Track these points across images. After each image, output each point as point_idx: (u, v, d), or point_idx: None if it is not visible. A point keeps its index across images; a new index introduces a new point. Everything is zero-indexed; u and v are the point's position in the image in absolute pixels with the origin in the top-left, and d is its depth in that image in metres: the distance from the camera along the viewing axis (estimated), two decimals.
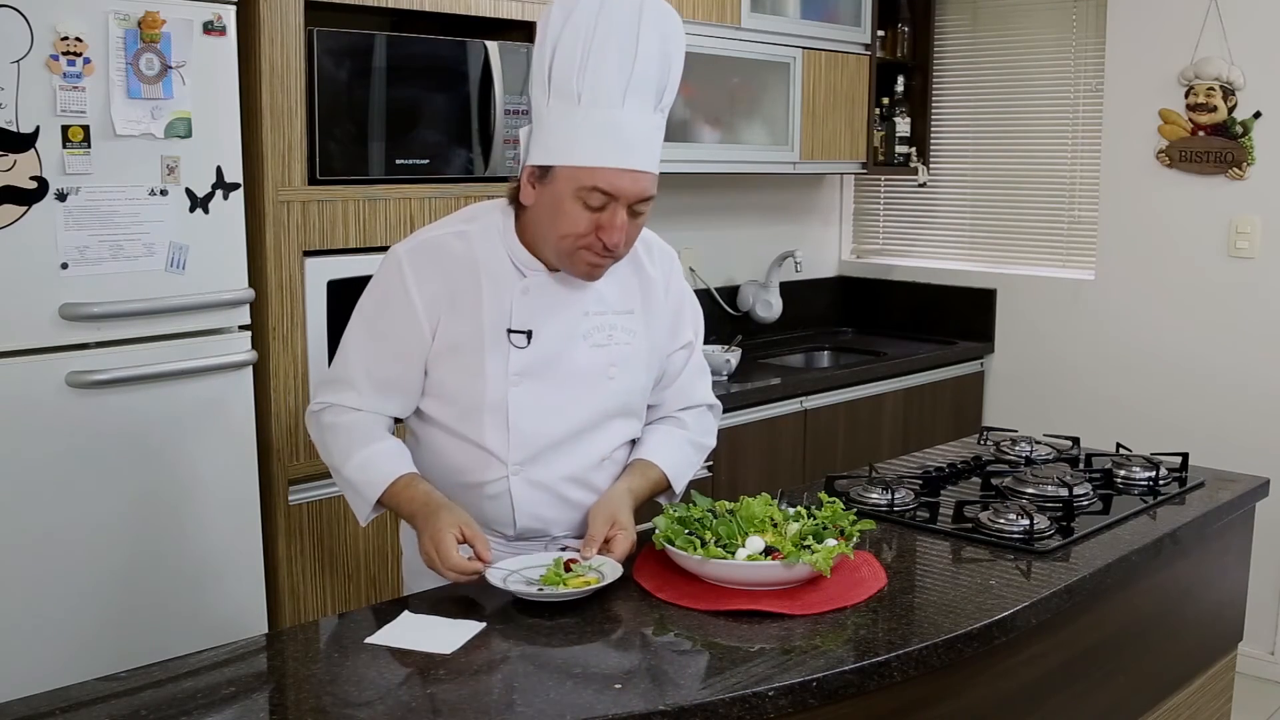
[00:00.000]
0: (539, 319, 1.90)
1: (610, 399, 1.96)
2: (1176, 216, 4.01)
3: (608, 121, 1.77)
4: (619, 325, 1.96)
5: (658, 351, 2.04)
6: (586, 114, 1.77)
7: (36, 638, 2.35)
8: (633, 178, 1.78)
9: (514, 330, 1.89)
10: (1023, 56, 4.44)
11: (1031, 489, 2.32)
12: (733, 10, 3.77)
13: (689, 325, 2.10)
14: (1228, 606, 2.57)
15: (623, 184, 1.78)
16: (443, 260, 1.90)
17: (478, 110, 3.03)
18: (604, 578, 1.78)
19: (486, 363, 1.89)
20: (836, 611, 1.75)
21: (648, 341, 2.00)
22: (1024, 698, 1.94)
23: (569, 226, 1.81)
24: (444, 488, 1.93)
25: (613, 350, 1.96)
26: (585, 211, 1.80)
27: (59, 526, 2.37)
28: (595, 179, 1.77)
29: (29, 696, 1.48)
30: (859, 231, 5.01)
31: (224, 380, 2.61)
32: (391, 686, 1.53)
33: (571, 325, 1.93)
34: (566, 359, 1.92)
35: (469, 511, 1.88)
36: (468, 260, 1.90)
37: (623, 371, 1.97)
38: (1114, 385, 4.19)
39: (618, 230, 1.80)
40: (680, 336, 2.08)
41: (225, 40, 2.54)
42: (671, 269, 2.06)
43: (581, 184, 1.78)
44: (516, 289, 1.90)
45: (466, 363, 1.90)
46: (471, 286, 1.89)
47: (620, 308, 1.97)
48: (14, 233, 2.27)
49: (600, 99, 1.76)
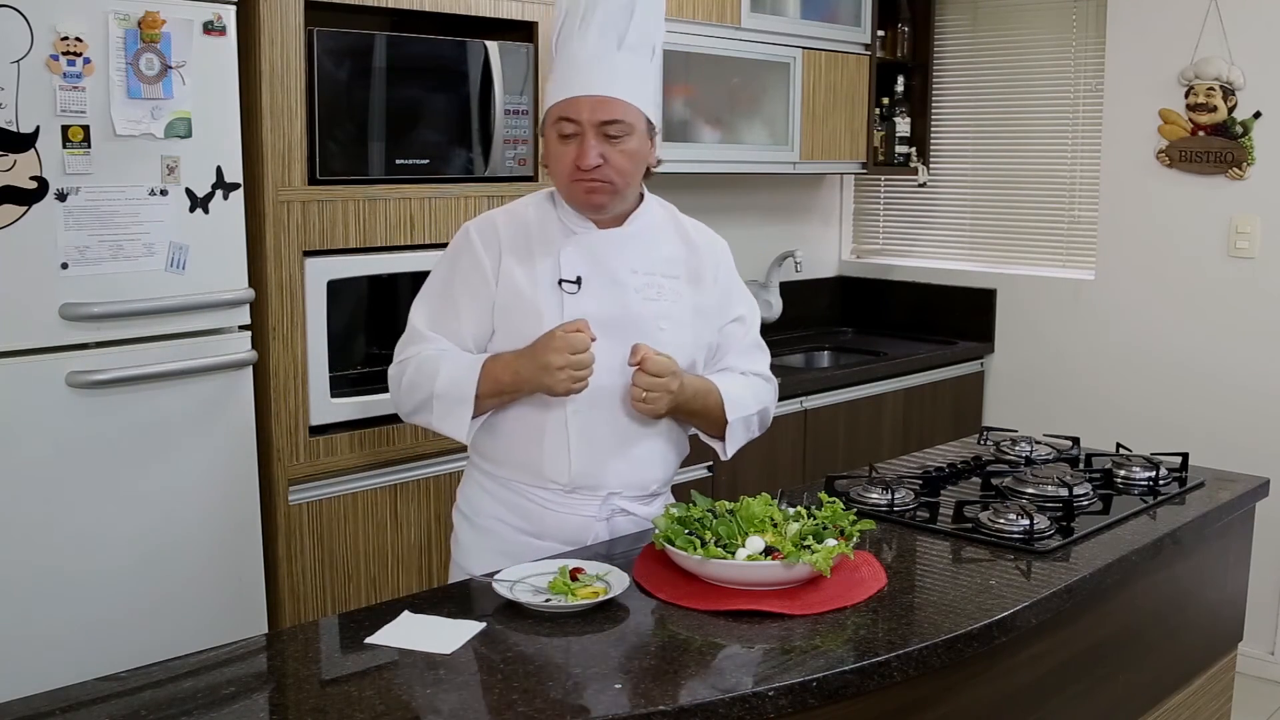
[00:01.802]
0: (586, 270, 2.04)
1: (663, 347, 2.04)
2: (1176, 216, 4.01)
3: (570, 58, 1.99)
4: (666, 286, 2.10)
5: (705, 321, 2.14)
6: (558, 58, 2.02)
7: (36, 638, 2.35)
8: (590, 103, 1.96)
9: (565, 279, 2.03)
10: (1023, 56, 4.44)
11: (1031, 489, 2.32)
12: (733, 10, 3.77)
13: (740, 303, 2.22)
14: (1228, 606, 2.57)
15: (581, 108, 1.96)
16: (502, 229, 2.08)
17: (478, 110, 3.03)
18: (611, 588, 1.78)
19: (544, 310, 2.02)
20: (836, 611, 1.75)
21: (693, 305, 2.12)
22: (1024, 698, 1.94)
23: (557, 163, 2.01)
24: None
25: (662, 305, 2.08)
26: (563, 145, 1.99)
27: (59, 526, 2.37)
28: (561, 110, 1.98)
29: (29, 696, 1.48)
30: (859, 231, 5.01)
31: (224, 380, 2.61)
32: (391, 686, 1.53)
33: (620, 278, 2.06)
34: (619, 308, 2.05)
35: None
36: (523, 226, 2.08)
37: (673, 325, 2.08)
38: (1114, 385, 4.19)
39: (587, 152, 1.95)
40: (732, 311, 2.20)
41: (225, 40, 2.54)
42: (721, 256, 2.20)
43: (552, 120, 2.00)
44: (564, 244, 2.06)
45: (527, 312, 2.03)
46: (526, 247, 2.06)
47: (667, 271, 2.11)
48: (14, 233, 2.28)
49: (567, 43, 2.00)
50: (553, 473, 2.06)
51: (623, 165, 1.99)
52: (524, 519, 2.09)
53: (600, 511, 2.08)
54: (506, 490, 2.11)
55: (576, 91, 1.96)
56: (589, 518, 2.08)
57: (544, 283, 2.03)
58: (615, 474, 2.08)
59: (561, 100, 1.98)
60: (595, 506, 2.08)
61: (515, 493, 2.10)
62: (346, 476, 2.86)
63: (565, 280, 2.03)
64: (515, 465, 2.09)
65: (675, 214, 2.19)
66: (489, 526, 2.12)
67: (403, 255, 2.90)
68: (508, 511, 2.10)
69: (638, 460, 2.09)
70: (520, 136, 3.10)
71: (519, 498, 2.09)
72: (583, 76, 1.97)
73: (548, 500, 2.07)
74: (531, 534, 2.08)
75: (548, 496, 2.07)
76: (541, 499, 2.08)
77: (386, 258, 2.88)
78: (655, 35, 2.05)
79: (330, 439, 2.82)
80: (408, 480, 2.96)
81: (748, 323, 2.23)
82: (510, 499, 2.10)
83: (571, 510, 2.07)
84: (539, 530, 2.08)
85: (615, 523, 2.10)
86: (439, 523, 2.98)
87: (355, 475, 2.87)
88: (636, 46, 2.00)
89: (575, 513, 2.07)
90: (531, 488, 2.08)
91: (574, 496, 2.07)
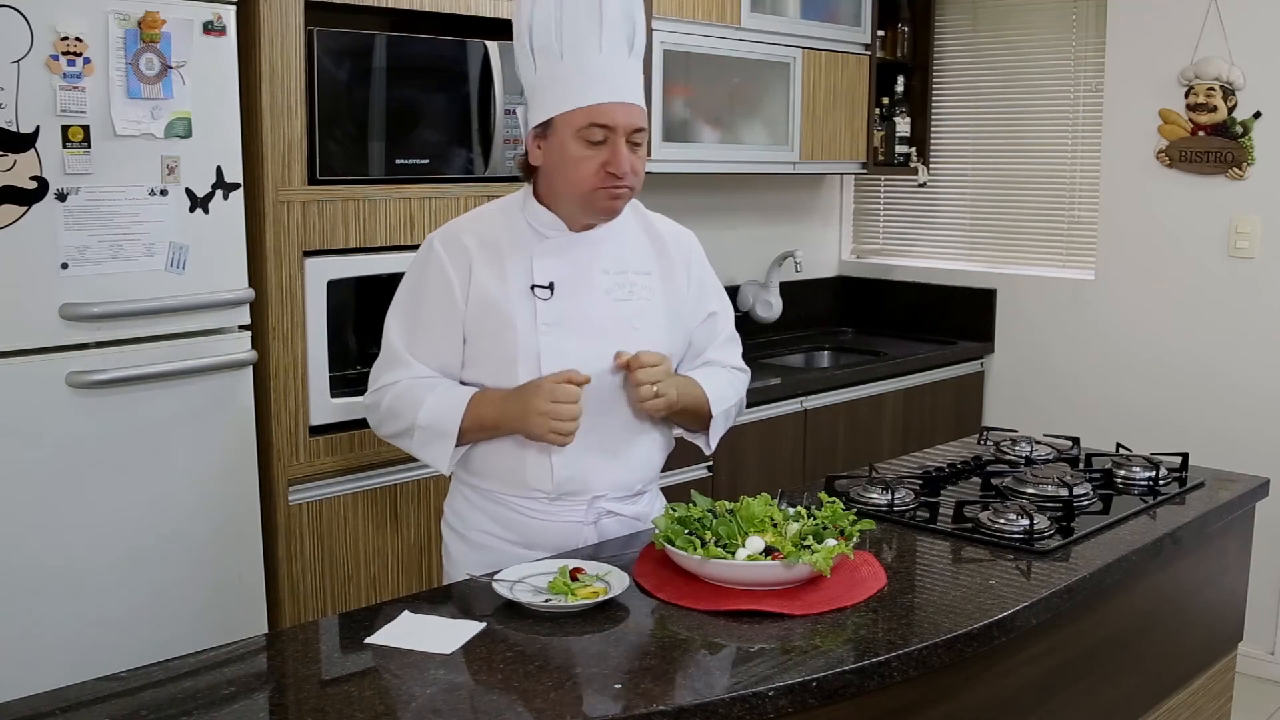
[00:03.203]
0: (559, 275, 2.03)
1: (638, 349, 2.03)
2: (1176, 216, 4.01)
3: (590, 65, 1.94)
4: (638, 284, 2.09)
5: (679, 318, 2.14)
6: (570, 65, 1.95)
7: (37, 638, 2.35)
8: (625, 109, 1.94)
9: (537, 285, 2.01)
10: (1023, 56, 4.44)
11: (1031, 489, 2.32)
12: (733, 10, 3.77)
13: (714, 297, 2.23)
14: (1228, 606, 2.57)
15: (616, 114, 1.94)
16: (469, 238, 2.05)
17: (478, 110, 3.03)
18: (611, 588, 1.78)
19: (516, 317, 2.00)
20: (836, 611, 1.75)
21: (665, 302, 2.11)
22: (1024, 698, 1.94)
23: (578, 169, 1.96)
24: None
25: (635, 304, 2.07)
26: (589, 150, 1.95)
27: (59, 526, 2.37)
28: (591, 116, 1.93)
29: (29, 696, 1.48)
30: (859, 231, 5.01)
31: (224, 380, 2.61)
32: (391, 686, 1.53)
33: (591, 281, 2.05)
34: (591, 311, 2.03)
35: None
36: (490, 234, 2.05)
37: (646, 324, 2.07)
38: (1114, 385, 4.19)
39: (623, 159, 1.94)
40: (707, 305, 2.21)
41: (225, 40, 2.54)
42: (692, 251, 2.20)
43: (579, 125, 1.94)
44: (536, 249, 2.03)
45: (499, 320, 2.01)
46: (495, 255, 2.03)
47: (639, 269, 2.10)
48: (14, 233, 2.28)
49: (580, 49, 1.94)
50: (536, 481, 2.04)
51: (640, 171, 1.99)
52: (511, 530, 2.07)
53: (587, 516, 2.07)
54: (492, 502, 2.09)
55: (608, 98, 1.93)
56: (576, 523, 2.06)
57: (515, 289, 2.01)
58: (600, 478, 2.06)
59: (590, 106, 1.93)
60: (581, 511, 2.06)
61: (500, 504, 2.08)
62: (347, 477, 2.86)
63: (538, 286, 2.01)
64: (498, 477, 2.07)
65: (640, 210, 2.18)
66: (479, 540, 2.10)
67: (403, 255, 2.90)
68: (494, 523, 2.09)
69: (622, 462, 2.08)
70: (520, 136, 3.10)
71: (504, 509, 2.08)
72: (610, 83, 1.94)
73: (533, 510, 2.06)
74: (521, 544, 2.06)
75: (533, 506, 2.06)
76: (527, 509, 2.06)
77: (386, 258, 2.88)
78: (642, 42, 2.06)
79: (330, 439, 2.82)
80: (408, 480, 2.96)
81: (722, 316, 2.24)
82: (496, 511, 2.08)
83: (557, 518, 2.06)
84: (527, 540, 2.06)
85: (603, 525, 2.09)
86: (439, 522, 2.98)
87: (355, 475, 2.87)
88: (640, 53, 2.01)
89: (562, 519, 2.06)
90: (516, 498, 2.06)
91: (559, 504, 2.05)
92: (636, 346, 2.02)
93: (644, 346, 2.02)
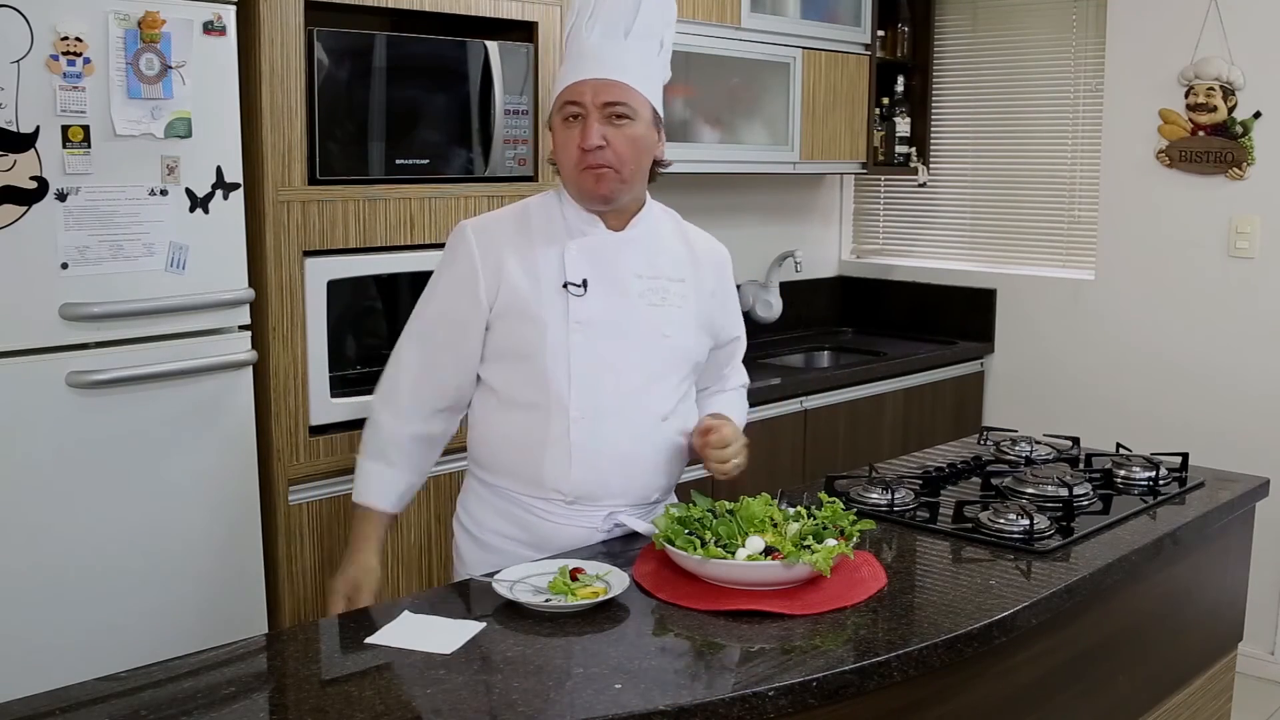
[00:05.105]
0: (591, 273, 2.03)
1: (668, 355, 2.07)
2: (1176, 216, 4.01)
3: (576, 49, 2.01)
4: (672, 290, 2.10)
5: (707, 326, 2.16)
6: (566, 55, 2.03)
7: (37, 637, 2.34)
8: (594, 85, 1.96)
9: (570, 282, 2.01)
10: (1023, 56, 4.44)
11: (1031, 489, 2.32)
12: (733, 10, 3.77)
13: (735, 320, 2.28)
14: (1228, 606, 2.57)
15: (584, 91, 1.96)
16: (503, 225, 2.08)
17: (478, 110, 3.03)
18: (611, 588, 1.78)
19: (547, 313, 2.01)
20: (836, 611, 1.75)
21: (696, 308, 2.12)
22: (1024, 698, 1.94)
23: (563, 151, 2.00)
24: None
25: (668, 310, 2.08)
26: (567, 129, 1.99)
27: (59, 526, 2.37)
28: (564, 96, 1.99)
29: (29, 696, 1.48)
30: (859, 231, 5.02)
31: (224, 380, 2.61)
32: (391, 686, 1.53)
33: (625, 284, 2.05)
34: (623, 314, 2.04)
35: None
36: (524, 227, 2.07)
37: (678, 331, 2.09)
38: (1114, 385, 4.19)
39: (591, 132, 1.95)
40: (731, 330, 2.26)
41: (225, 40, 2.54)
42: (722, 268, 2.22)
43: (558, 107, 2.00)
44: (569, 246, 2.04)
45: (529, 316, 2.02)
46: (528, 248, 2.04)
47: (672, 275, 2.11)
48: (14, 233, 2.27)
49: (575, 35, 2.01)
50: (554, 483, 2.03)
51: (625, 150, 1.97)
52: (525, 530, 2.06)
53: (603, 523, 2.06)
54: (505, 501, 2.08)
55: (582, 76, 1.97)
56: (590, 529, 2.06)
57: (547, 285, 2.01)
58: (618, 486, 2.06)
59: (566, 85, 1.99)
60: (598, 519, 2.06)
61: (514, 504, 2.07)
62: (347, 477, 2.84)
63: (571, 283, 2.01)
64: (514, 475, 2.06)
65: (678, 220, 2.19)
66: (491, 542, 2.10)
67: (403, 255, 2.90)
68: (508, 524, 2.08)
69: (641, 472, 2.07)
70: (520, 136, 3.10)
71: (518, 509, 2.07)
72: (588, 63, 1.98)
73: (548, 512, 2.05)
74: (533, 547, 2.04)
75: (548, 508, 2.05)
76: (542, 510, 2.05)
77: (386, 258, 2.88)
78: (663, 30, 2.04)
79: (330, 439, 2.82)
80: None
81: (742, 339, 2.31)
82: (509, 510, 2.08)
83: (572, 522, 2.05)
84: (539, 542, 2.04)
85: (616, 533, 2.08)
86: (439, 523, 2.98)
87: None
88: (643, 36, 2.01)
89: (576, 524, 2.05)
90: (532, 499, 2.06)
91: (575, 508, 2.05)
92: (670, 351, 2.05)
93: (677, 351, 2.07)
